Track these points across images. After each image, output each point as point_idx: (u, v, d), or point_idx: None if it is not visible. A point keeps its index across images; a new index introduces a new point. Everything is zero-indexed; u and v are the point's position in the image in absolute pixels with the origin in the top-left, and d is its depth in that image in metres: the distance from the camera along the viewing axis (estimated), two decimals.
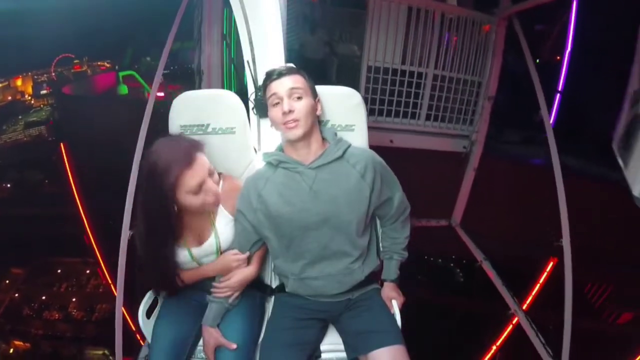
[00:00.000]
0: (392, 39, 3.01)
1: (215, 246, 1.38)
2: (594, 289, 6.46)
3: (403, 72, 3.05)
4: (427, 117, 3.11)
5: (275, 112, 1.28)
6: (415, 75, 3.06)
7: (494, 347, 5.06)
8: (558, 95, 5.62)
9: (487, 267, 3.00)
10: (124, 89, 6.69)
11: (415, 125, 3.09)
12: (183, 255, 1.38)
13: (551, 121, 5.68)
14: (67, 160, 5.75)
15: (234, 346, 1.30)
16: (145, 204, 1.27)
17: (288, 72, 1.30)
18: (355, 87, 3.23)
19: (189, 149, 1.25)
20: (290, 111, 1.24)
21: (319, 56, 3.89)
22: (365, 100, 3.15)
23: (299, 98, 1.26)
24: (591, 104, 5.66)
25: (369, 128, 3.28)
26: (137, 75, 6.61)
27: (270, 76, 1.30)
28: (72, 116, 5.94)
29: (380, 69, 3.08)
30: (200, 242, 1.39)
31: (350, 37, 4.55)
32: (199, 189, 1.26)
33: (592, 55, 5.62)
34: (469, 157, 3.20)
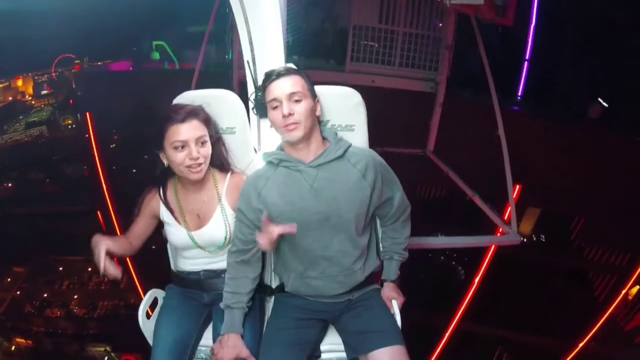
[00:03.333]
0: (371, 5, 4.14)
1: (223, 234, 1.44)
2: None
3: (380, 30, 4.19)
4: (400, 64, 4.22)
5: (275, 115, 1.32)
6: (389, 32, 4.19)
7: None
8: (526, 63, 6.71)
9: (452, 174, 4.02)
10: (156, 55, 7.78)
11: (390, 69, 4.19)
12: (181, 235, 1.44)
13: (520, 86, 6.75)
14: (92, 129, 6.69)
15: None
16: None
17: (287, 73, 1.33)
18: (345, 41, 4.37)
19: (188, 111, 1.35)
20: (290, 114, 1.29)
21: (321, 27, 5.14)
22: (352, 50, 4.26)
23: (299, 101, 1.30)
24: (555, 69, 6.75)
25: (356, 72, 4.35)
26: (166, 46, 7.58)
27: (269, 77, 1.34)
28: (96, 88, 6.86)
29: (362, 27, 4.22)
30: (199, 225, 1.45)
31: (343, 14, 5.70)
32: (181, 147, 1.32)
33: (555, 25, 6.71)
34: (436, 96, 4.29)
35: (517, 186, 4.57)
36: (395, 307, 1.44)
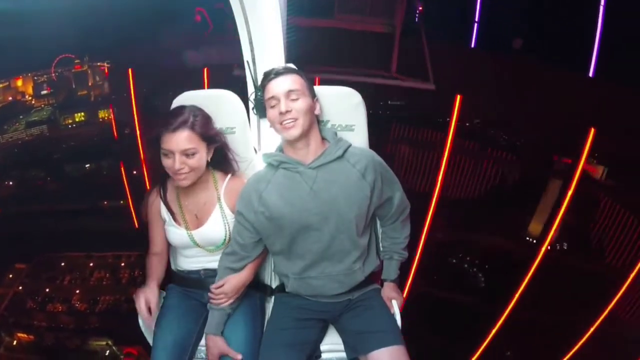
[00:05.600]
0: None
1: (222, 234, 1.51)
2: None
3: None
4: (369, 14, 6.47)
5: (273, 114, 1.38)
6: None
7: None
8: (475, 25, 8.97)
9: (402, 78, 6.25)
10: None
11: (364, 17, 6.37)
12: (181, 234, 1.52)
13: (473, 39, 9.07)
14: (132, 84, 8.06)
15: (239, 357, 1.40)
16: None
17: (285, 72, 1.39)
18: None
19: (183, 120, 1.39)
20: (287, 111, 1.34)
21: None
22: (338, 5, 6.53)
23: (296, 99, 1.36)
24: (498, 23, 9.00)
25: (341, 19, 6.93)
26: (205, 13, 9.00)
27: (268, 76, 1.40)
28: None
29: None
30: (198, 224, 1.53)
31: None
32: (168, 154, 1.39)
33: None
34: (394, 35, 6.58)
35: (459, 96, 6.89)
36: (395, 307, 1.52)
